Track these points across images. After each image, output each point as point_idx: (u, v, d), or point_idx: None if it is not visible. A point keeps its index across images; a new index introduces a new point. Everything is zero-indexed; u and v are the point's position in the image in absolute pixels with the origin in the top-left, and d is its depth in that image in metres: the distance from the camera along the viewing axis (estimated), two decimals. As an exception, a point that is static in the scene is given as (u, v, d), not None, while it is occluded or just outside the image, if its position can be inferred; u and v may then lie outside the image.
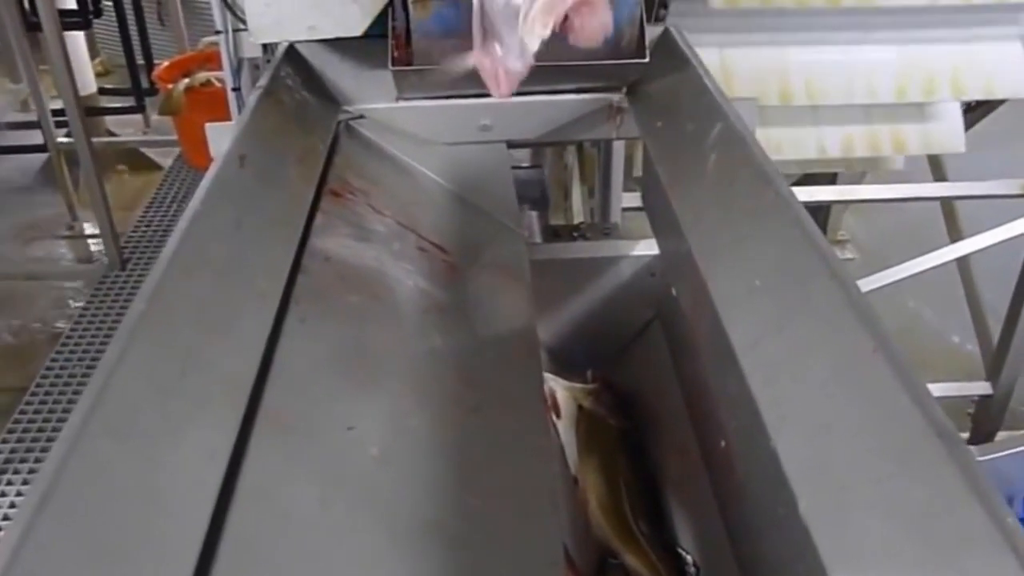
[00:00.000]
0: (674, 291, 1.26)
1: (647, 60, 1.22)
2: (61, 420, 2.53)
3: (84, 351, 2.84)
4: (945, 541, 0.53)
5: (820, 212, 3.22)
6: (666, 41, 1.29)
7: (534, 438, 0.92)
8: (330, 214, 1.07)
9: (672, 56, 1.25)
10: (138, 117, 4.21)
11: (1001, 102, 1.92)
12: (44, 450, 2.43)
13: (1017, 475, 1.63)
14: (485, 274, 1.17)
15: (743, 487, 0.82)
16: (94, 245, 3.59)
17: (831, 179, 2.43)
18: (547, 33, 0.96)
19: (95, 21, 3.69)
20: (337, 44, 1.29)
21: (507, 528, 0.80)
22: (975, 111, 1.96)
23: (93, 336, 2.91)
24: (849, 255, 3.39)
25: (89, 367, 2.75)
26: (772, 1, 1.52)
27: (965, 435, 2.30)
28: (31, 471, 2.36)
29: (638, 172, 1.82)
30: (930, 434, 0.58)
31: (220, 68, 1.62)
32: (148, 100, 4.03)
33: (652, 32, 1.27)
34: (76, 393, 2.63)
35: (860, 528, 0.56)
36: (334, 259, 1.01)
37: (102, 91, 4.24)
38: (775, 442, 0.65)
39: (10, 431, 2.50)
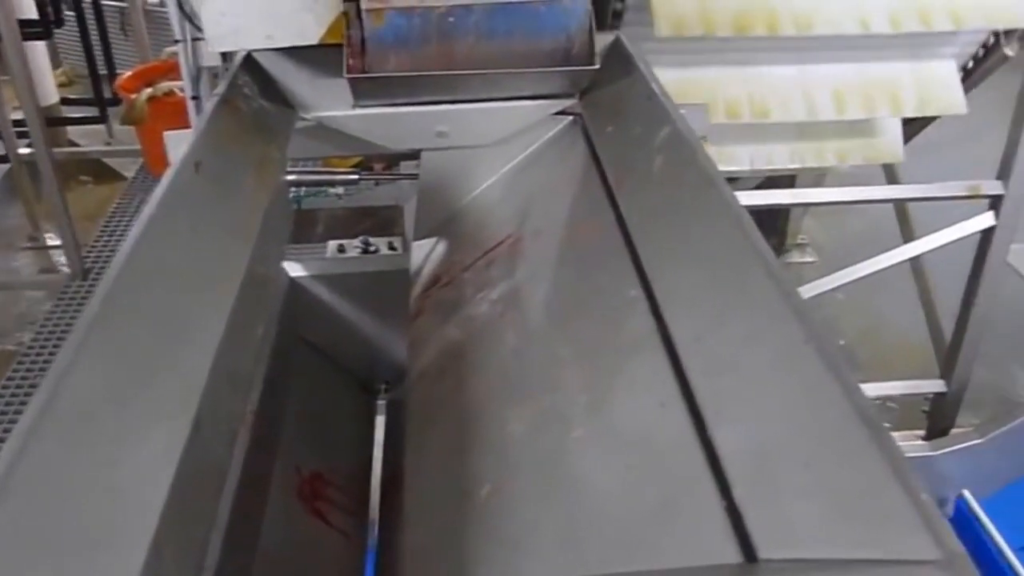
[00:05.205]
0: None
1: (597, 67, 1.25)
2: (23, 431, 2.50)
3: (46, 361, 2.82)
4: (867, 519, 0.56)
5: (779, 215, 3.27)
6: (617, 49, 1.32)
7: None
8: (286, 219, 1.09)
9: (623, 63, 1.28)
10: (101, 127, 4.18)
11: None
12: (5, 462, 2.40)
13: (957, 471, 1.67)
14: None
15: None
16: (56, 256, 3.55)
17: (789, 182, 2.47)
18: None
19: (58, 31, 3.67)
20: (295, 52, 1.30)
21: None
22: (914, 124, 2.02)
23: (55, 346, 2.88)
24: (809, 258, 3.44)
25: (51, 378, 2.72)
26: (714, 30, 1.54)
27: (921, 432, 2.34)
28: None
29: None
30: (855, 420, 0.61)
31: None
32: (111, 110, 4.00)
33: (603, 40, 1.30)
34: (38, 404, 2.60)
35: (789, 510, 0.59)
36: (290, 263, 1.02)
37: (64, 101, 4.21)
38: (712, 431, 0.68)
39: (-30, 442, 2.48)
